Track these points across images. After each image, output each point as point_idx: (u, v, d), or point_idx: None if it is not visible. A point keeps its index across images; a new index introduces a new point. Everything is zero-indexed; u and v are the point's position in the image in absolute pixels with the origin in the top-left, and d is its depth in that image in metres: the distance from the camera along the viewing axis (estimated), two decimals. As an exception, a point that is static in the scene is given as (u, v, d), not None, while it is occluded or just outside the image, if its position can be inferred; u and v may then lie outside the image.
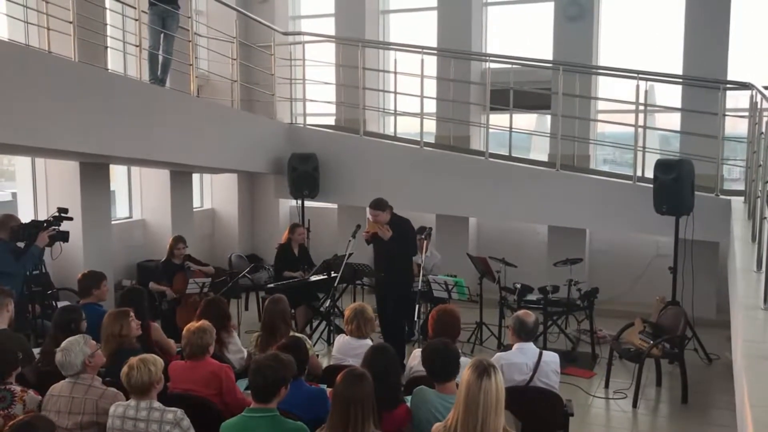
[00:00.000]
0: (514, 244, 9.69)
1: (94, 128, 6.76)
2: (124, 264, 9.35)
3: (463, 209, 9.24)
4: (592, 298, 7.38)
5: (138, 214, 9.85)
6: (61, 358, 3.82)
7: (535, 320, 4.64)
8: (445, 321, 4.62)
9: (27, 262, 5.76)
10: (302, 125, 10.02)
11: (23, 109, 5.94)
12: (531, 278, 7.89)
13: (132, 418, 3.50)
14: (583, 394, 6.49)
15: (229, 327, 5.30)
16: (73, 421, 3.72)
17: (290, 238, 8.19)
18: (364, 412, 3.10)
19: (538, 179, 8.72)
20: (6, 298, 4.96)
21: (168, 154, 7.86)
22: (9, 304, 4.95)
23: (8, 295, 4.98)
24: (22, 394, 3.95)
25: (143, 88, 7.56)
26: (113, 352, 4.50)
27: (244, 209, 11.20)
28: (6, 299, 4.95)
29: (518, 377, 4.50)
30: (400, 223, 7.03)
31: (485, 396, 3.04)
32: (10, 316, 4.95)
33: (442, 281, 6.60)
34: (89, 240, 8.18)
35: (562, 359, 7.09)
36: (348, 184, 9.38)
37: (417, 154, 9.20)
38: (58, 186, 8.20)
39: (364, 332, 4.88)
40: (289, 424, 3.37)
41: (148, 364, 3.52)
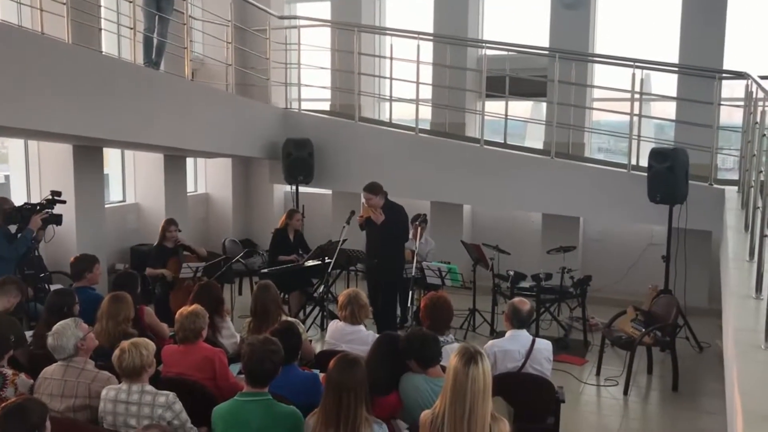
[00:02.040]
0: (509, 231, 9.71)
1: (88, 111, 6.71)
2: (118, 248, 9.31)
3: (457, 196, 9.24)
4: (584, 285, 7.41)
5: (132, 198, 9.81)
6: (53, 342, 3.81)
7: (530, 308, 4.65)
8: (437, 308, 4.63)
9: (20, 245, 5.74)
10: (297, 110, 9.96)
11: (15, 90, 5.90)
12: (525, 266, 7.92)
13: (124, 401, 3.50)
14: (575, 381, 6.53)
15: (222, 312, 5.30)
16: (65, 405, 3.72)
17: (287, 223, 8.19)
18: (356, 397, 3.11)
19: (532, 167, 8.72)
20: (10, 285, 4.96)
21: (161, 138, 7.82)
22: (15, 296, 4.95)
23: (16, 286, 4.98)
24: (14, 378, 3.95)
25: (137, 71, 7.52)
26: (112, 336, 4.50)
27: (239, 194, 11.17)
28: (10, 287, 4.95)
29: (511, 364, 4.53)
30: (393, 209, 7.04)
31: (473, 383, 3.05)
32: (11, 305, 4.95)
33: (436, 268, 6.61)
34: (82, 223, 8.14)
35: (554, 346, 7.14)
36: (343, 170, 9.36)
37: (412, 141, 9.18)
38: (51, 169, 8.16)
39: (358, 318, 4.89)
40: (282, 407, 3.38)
41: (139, 347, 3.52)
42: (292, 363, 4.05)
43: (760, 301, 3.56)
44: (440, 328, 4.64)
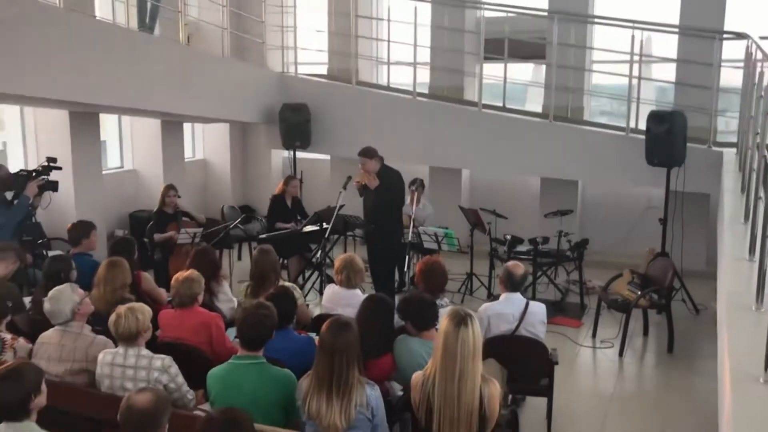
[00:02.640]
0: (507, 195, 9.69)
1: (82, 77, 6.66)
2: (117, 214, 9.33)
3: (455, 161, 9.21)
4: (581, 249, 7.42)
5: (129, 164, 9.80)
6: (50, 307, 3.84)
7: (523, 272, 4.67)
8: (432, 272, 4.65)
9: (16, 212, 5.73)
10: (294, 74, 9.87)
11: (8, 57, 5.85)
12: (523, 230, 7.92)
13: (120, 365, 3.54)
14: (571, 344, 6.58)
15: (219, 276, 5.32)
16: (63, 368, 3.76)
17: (284, 189, 8.18)
18: (348, 359, 3.14)
19: (530, 131, 8.68)
20: (8, 252, 4.97)
21: (156, 104, 7.79)
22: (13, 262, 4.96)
23: (15, 252, 4.99)
24: (13, 342, 3.99)
25: (132, 35, 7.45)
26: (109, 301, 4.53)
27: (237, 160, 11.15)
28: (8, 253, 4.96)
29: (504, 326, 4.56)
30: (388, 174, 7.03)
31: (462, 345, 3.09)
32: (9, 271, 4.97)
33: (432, 232, 6.62)
34: (80, 190, 8.14)
35: (551, 309, 7.20)
36: (340, 135, 9.31)
37: (410, 105, 9.12)
38: (47, 136, 8.13)
39: (354, 283, 4.91)
40: (276, 371, 3.42)
41: (135, 312, 3.54)
42: (287, 327, 4.08)
43: (753, 264, 3.57)
44: (435, 292, 4.66)
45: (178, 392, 3.59)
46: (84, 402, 3.63)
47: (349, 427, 3.14)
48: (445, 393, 3.12)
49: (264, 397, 3.33)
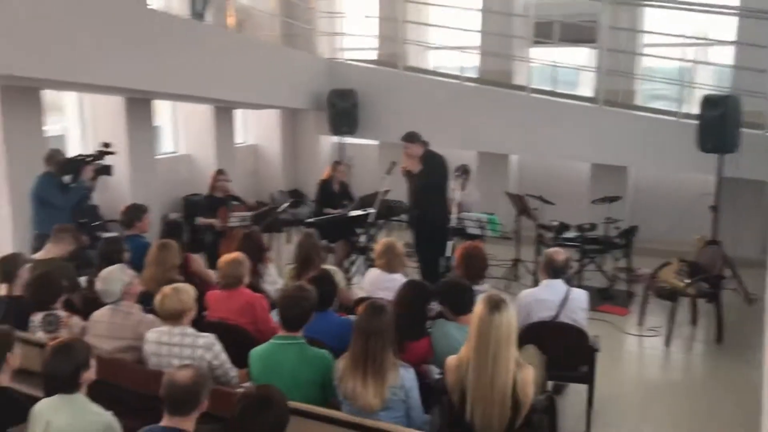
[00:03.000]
0: (556, 181, 9.59)
1: (135, 64, 6.86)
2: (171, 197, 9.58)
3: (503, 146, 9.16)
4: (630, 236, 7.32)
5: (183, 149, 10.05)
6: (101, 286, 4.02)
7: (564, 259, 4.65)
8: (472, 258, 4.67)
9: (72, 195, 5.98)
10: (342, 60, 9.94)
11: (66, 46, 6.07)
12: (572, 216, 7.85)
13: (166, 343, 3.68)
14: (617, 332, 6.52)
15: (265, 259, 5.45)
16: (113, 345, 3.94)
17: (332, 174, 8.28)
18: (383, 342, 3.21)
19: (579, 115, 8.57)
20: (65, 233, 5.20)
21: (208, 91, 7.95)
22: (70, 243, 5.19)
23: (71, 233, 5.21)
24: (67, 320, 4.19)
25: (184, 24, 7.62)
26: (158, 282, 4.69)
27: (287, 145, 11.32)
28: (65, 234, 5.19)
29: (544, 313, 4.55)
30: (432, 158, 7.04)
31: (496, 330, 3.12)
32: (66, 252, 5.19)
33: (476, 218, 6.62)
34: (135, 174, 8.41)
35: (598, 297, 7.18)
36: (387, 121, 9.34)
37: (457, 90, 9.10)
38: (104, 122, 8.41)
39: (394, 267, 4.97)
40: (314, 351, 3.50)
41: (179, 292, 3.67)
42: (327, 309, 4.17)
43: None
44: (474, 278, 4.68)
45: (221, 369, 3.71)
46: (132, 377, 3.79)
47: (383, 408, 3.21)
48: (479, 377, 3.16)
49: (302, 376, 3.42)
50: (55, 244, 5.17)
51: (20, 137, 6.86)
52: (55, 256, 5.12)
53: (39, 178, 5.99)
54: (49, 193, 5.89)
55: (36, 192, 5.93)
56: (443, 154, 7.12)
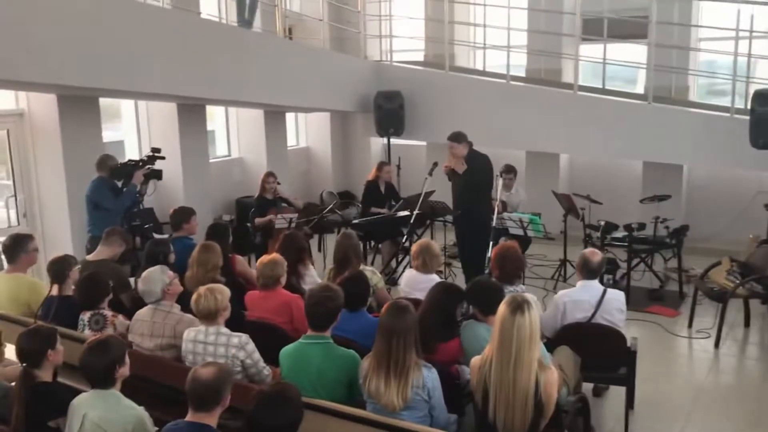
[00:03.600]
0: (608, 180, 9.46)
1: (186, 72, 7.11)
2: (224, 200, 9.84)
3: (551, 146, 9.05)
4: (680, 235, 7.14)
5: (236, 152, 10.29)
6: (143, 287, 4.19)
7: (600, 259, 4.59)
8: (507, 258, 4.65)
9: (124, 199, 6.22)
10: (389, 62, 10.00)
11: (121, 56, 6.34)
12: (624, 216, 7.71)
13: (202, 341, 3.81)
14: (665, 333, 6.39)
15: (305, 260, 5.56)
16: (154, 343, 4.10)
17: (378, 175, 8.36)
18: (405, 342, 3.25)
19: (629, 113, 8.40)
20: (114, 236, 5.42)
21: (255, 95, 8.14)
22: (119, 245, 5.40)
23: (120, 236, 5.43)
24: (113, 319, 4.39)
25: (234, 31, 7.84)
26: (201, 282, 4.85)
27: (337, 147, 11.47)
28: (114, 237, 5.41)
29: (580, 314, 4.51)
30: (477, 158, 7.04)
31: (518, 331, 3.12)
32: (116, 253, 5.41)
33: (517, 218, 6.58)
34: (189, 178, 8.68)
35: (648, 297, 7.04)
36: (434, 121, 9.35)
37: (503, 89, 9.04)
38: (159, 127, 8.71)
39: (430, 267, 5.01)
40: (341, 351, 3.57)
41: (214, 292, 3.79)
42: (360, 309, 4.24)
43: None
44: (510, 278, 4.68)
45: (254, 368, 3.82)
46: (171, 374, 3.93)
47: (405, 407, 3.25)
48: (501, 378, 3.16)
49: (329, 375, 3.50)
50: (105, 246, 5.38)
51: (79, 144, 7.18)
52: (106, 257, 5.33)
53: (92, 182, 6.25)
54: (102, 197, 6.14)
55: (89, 196, 6.19)
56: (489, 154, 7.10)
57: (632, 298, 6.98)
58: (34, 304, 4.72)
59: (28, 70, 5.68)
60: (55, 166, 7.23)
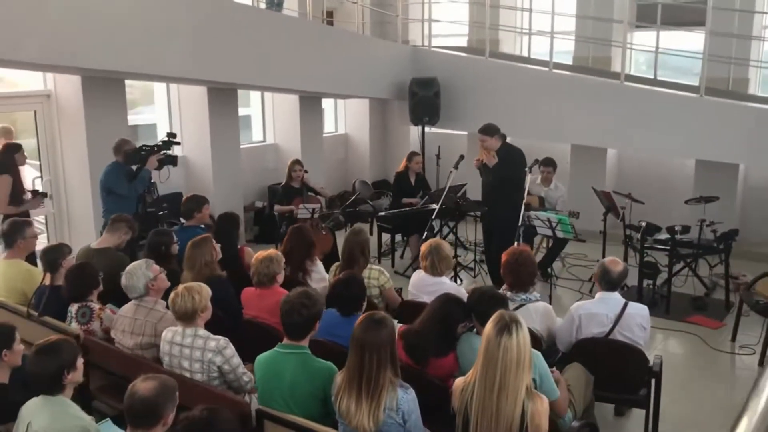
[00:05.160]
0: (658, 179, 8.92)
1: (218, 57, 6.96)
2: (257, 186, 9.68)
3: (595, 139, 8.51)
4: (729, 240, 6.58)
5: (271, 138, 10.10)
6: (125, 281, 3.99)
7: (622, 270, 4.16)
8: (520, 263, 4.30)
9: (138, 184, 6.07)
10: (427, 48, 9.58)
11: (153, 40, 6.27)
12: (671, 217, 7.20)
13: (179, 343, 3.59)
14: (705, 347, 5.90)
15: (313, 255, 5.30)
16: (134, 342, 3.90)
17: (407, 166, 8.05)
18: (379, 358, 2.94)
19: (680, 106, 7.80)
20: (120, 223, 5.26)
21: (282, 81, 7.90)
22: (125, 233, 5.25)
23: (126, 223, 5.27)
24: (100, 312, 4.22)
25: (260, 14, 7.60)
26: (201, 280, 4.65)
27: (376, 135, 11.14)
28: (120, 224, 5.25)
29: (597, 329, 4.12)
30: (510, 152, 6.68)
31: (504, 353, 2.78)
32: (122, 241, 5.26)
33: (545, 218, 6.15)
34: (218, 163, 8.52)
35: (690, 306, 6.53)
36: (470, 111, 8.91)
37: (545, 78, 8.53)
38: (190, 110, 8.57)
39: (439, 270, 4.68)
40: (318, 363, 3.29)
41: (192, 292, 3.56)
42: (354, 314, 3.95)
43: None
44: (524, 285, 4.33)
45: (232, 374, 3.58)
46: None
47: (377, 431, 2.95)
48: (483, 405, 2.83)
49: (302, 388, 3.23)
50: (110, 233, 5.23)
51: (103, 126, 7.08)
52: (110, 245, 5.18)
53: (107, 167, 6.12)
54: (115, 183, 6.00)
55: (103, 181, 6.07)
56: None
57: (673, 306, 6.55)
58: (30, 293, 4.59)
59: (47, 53, 5.62)
60: (79, 148, 7.17)
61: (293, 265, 5.18)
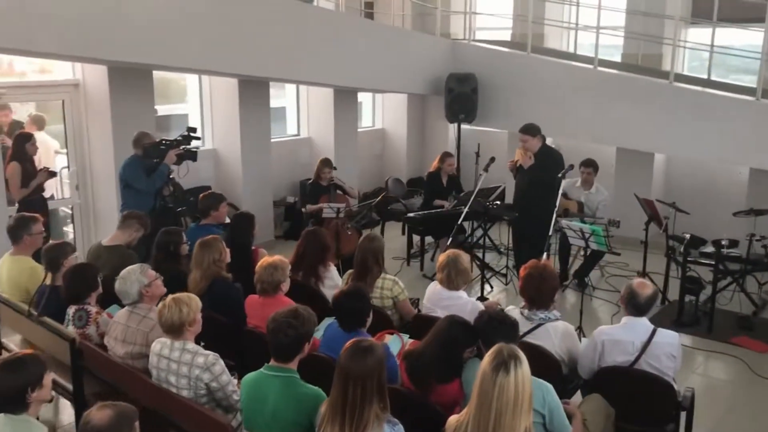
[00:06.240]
0: (709, 188, 8.41)
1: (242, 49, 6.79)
2: (289, 181, 9.49)
3: (641, 142, 7.99)
4: (781, 257, 6.10)
5: (305, 132, 9.89)
6: (118, 287, 3.82)
7: (651, 294, 3.78)
8: (543, 279, 3.96)
9: (156, 179, 5.92)
10: (466, 41, 9.19)
11: (185, 34, 6.19)
12: (719, 230, 6.72)
13: (166, 357, 3.39)
14: (749, 373, 5.45)
15: (327, 260, 5.06)
16: (125, 350, 3.72)
17: (440, 167, 7.74)
18: (363, 390, 2.66)
19: (733, 110, 7.26)
20: (132, 220, 5.13)
21: (311, 75, 7.68)
22: (137, 229, 5.11)
23: (137, 220, 5.14)
24: (96, 316, 4.06)
25: (292, 6, 7.38)
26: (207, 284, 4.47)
27: (413, 130, 10.83)
28: (132, 221, 5.12)
29: (621, 357, 3.75)
30: (547, 154, 6.37)
31: (500, 392, 2.49)
32: (133, 238, 5.12)
33: (578, 228, 5.75)
34: (248, 156, 8.35)
35: (737, 326, 6.08)
36: (509, 108, 8.51)
37: (589, 76, 8.06)
38: (221, 102, 8.42)
39: (456, 284, 4.36)
40: (305, 388, 3.04)
41: (180, 303, 3.34)
42: (357, 329, 3.70)
43: None
44: (544, 303, 4.00)
45: (221, 392, 3.36)
46: (138, 389, 3.57)
47: (360, 470, 2.68)
48: (476, 449, 2.54)
49: (285, 415, 2.98)
50: (121, 230, 5.10)
51: (129, 117, 6.97)
52: (121, 243, 5.05)
53: (126, 160, 6.00)
54: (133, 176, 5.87)
55: (121, 174, 5.96)
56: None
57: (716, 325, 6.11)
58: (33, 290, 4.45)
59: (67, 43, 5.54)
60: (105, 138, 7.08)
61: (306, 270, 4.96)
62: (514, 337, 3.31)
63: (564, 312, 6.46)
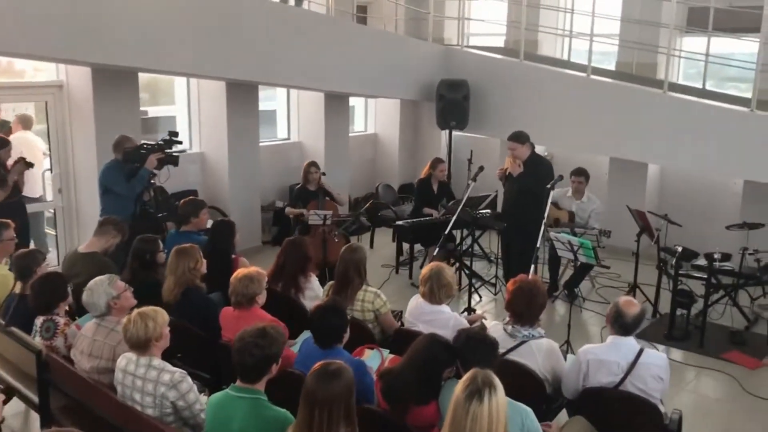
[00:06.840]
0: (703, 200, 8.31)
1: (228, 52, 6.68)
2: (278, 185, 9.36)
3: (634, 152, 7.86)
4: (774, 272, 5.98)
5: (295, 136, 9.76)
6: (86, 298, 3.68)
7: (638, 313, 3.65)
8: (532, 295, 3.84)
9: (136, 184, 5.78)
10: (459, 47, 9.07)
11: (162, 35, 6.07)
12: (711, 243, 6.61)
13: (131, 373, 3.25)
14: (739, 390, 5.32)
15: (308, 271, 4.93)
16: (90, 365, 3.58)
17: (431, 173, 7.60)
18: (331, 415, 2.54)
19: (727, 121, 7.15)
20: (108, 226, 4.99)
21: (302, 80, 7.55)
22: (114, 236, 4.98)
23: (114, 226, 5.00)
24: (65, 328, 3.92)
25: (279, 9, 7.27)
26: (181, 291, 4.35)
27: (405, 136, 10.71)
28: (108, 227, 4.98)
29: (606, 378, 3.62)
30: (539, 162, 6.26)
31: (472, 423, 2.37)
32: (110, 245, 4.99)
33: (566, 240, 5.63)
34: (235, 160, 8.21)
35: (728, 341, 5.97)
36: (501, 116, 8.37)
37: (582, 84, 7.93)
38: (208, 105, 8.29)
39: (438, 298, 4.23)
40: (272, 411, 2.90)
41: (146, 318, 3.21)
42: (334, 346, 3.56)
43: None
44: (530, 320, 3.87)
45: (188, 411, 3.23)
46: (102, 404, 3.43)
47: (326, 500, 2.55)
48: (447, 480, 2.42)
49: (249, 439, 2.85)
50: (97, 236, 4.96)
51: (113, 119, 6.82)
52: (97, 249, 4.91)
53: (106, 165, 5.86)
54: (113, 181, 5.73)
55: (101, 179, 5.82)
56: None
57: (707, 340, 6.00)
58: (1, 299, 4.34)
59: (58, 46, 5.46)
60: (89, 141, 6.94)
61: (286, 281, 4.83)
62: (493, 357, 3.18)
63: (553, 324, 6.36)
